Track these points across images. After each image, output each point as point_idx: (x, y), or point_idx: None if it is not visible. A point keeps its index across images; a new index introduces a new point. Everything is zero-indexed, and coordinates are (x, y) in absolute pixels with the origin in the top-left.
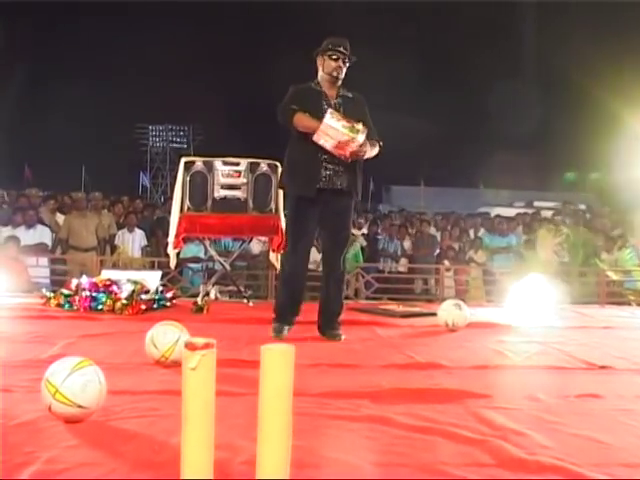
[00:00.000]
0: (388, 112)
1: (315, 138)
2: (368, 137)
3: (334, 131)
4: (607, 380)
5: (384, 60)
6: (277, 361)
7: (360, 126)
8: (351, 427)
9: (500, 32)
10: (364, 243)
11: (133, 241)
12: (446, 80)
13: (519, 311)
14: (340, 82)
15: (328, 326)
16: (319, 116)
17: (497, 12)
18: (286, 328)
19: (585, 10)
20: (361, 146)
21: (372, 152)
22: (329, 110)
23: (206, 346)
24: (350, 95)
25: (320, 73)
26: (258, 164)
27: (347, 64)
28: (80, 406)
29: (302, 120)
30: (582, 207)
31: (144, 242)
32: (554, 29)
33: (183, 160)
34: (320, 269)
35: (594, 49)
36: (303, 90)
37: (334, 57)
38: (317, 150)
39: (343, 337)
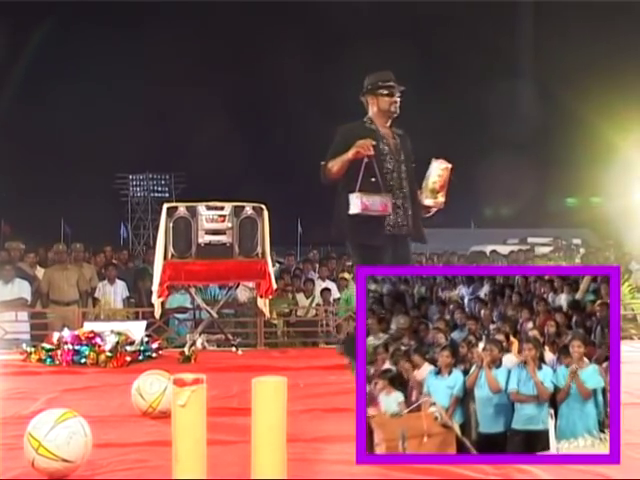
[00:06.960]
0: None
1: None
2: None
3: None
4: None
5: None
6: (269, 393)
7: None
8: (351, 471)
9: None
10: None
11: (114, 293)
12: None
13: None
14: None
15: None
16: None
17: None
18: None
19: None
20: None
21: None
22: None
23: (196, 382)
24: (401, 132)
25: (373, 110)
26: (243, 207)
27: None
28: (65, 460)
29: (333, 165)
30: (577, 241)
31: (126, 293)
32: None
33: (165, 206)
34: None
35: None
36: (353, 128)
37: (387, 93)
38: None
39: None
